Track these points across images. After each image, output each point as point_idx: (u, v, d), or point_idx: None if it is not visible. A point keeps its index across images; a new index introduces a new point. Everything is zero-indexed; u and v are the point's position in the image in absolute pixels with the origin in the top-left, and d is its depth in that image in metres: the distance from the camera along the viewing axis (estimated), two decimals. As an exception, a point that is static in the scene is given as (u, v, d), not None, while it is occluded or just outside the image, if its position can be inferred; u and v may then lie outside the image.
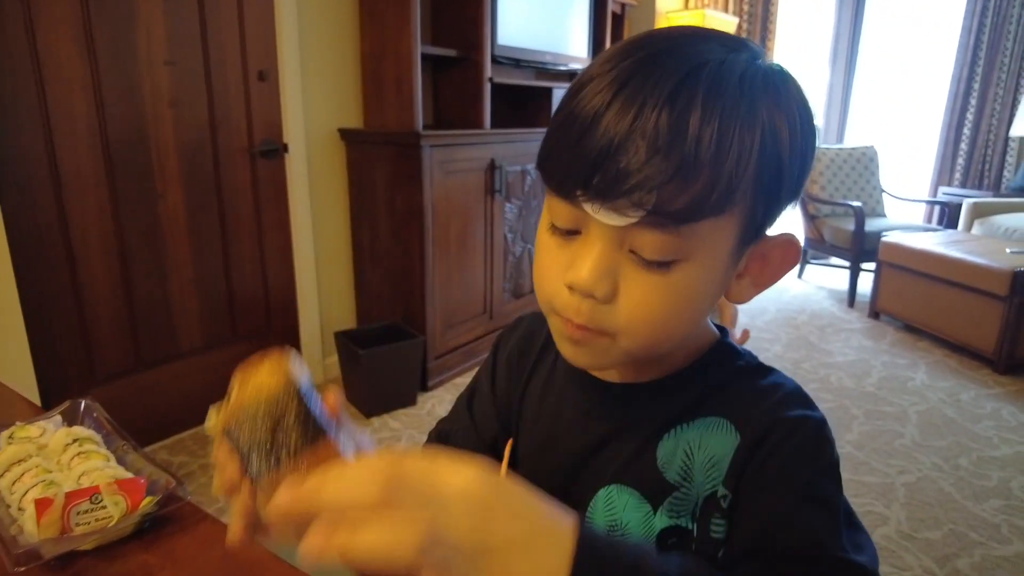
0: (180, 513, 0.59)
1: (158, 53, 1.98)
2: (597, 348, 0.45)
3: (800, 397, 0.49)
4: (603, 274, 0.42)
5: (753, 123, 0.40)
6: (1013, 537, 1.77)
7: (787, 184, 0.43)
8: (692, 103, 0.38)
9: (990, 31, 4.36)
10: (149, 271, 2.08)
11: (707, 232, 0.41)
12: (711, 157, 0.38)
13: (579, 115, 0.40)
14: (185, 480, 0.56)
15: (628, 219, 0.39)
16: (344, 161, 2.60)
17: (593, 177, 0.39)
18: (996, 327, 2.85)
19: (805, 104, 0.44)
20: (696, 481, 0.48)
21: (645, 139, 0.37)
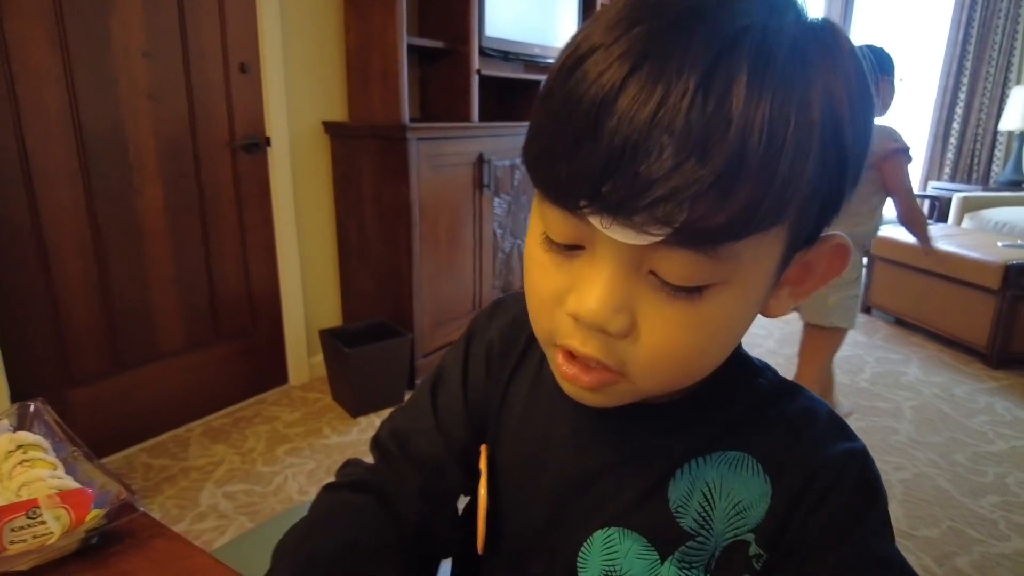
0: (133, 528, 0.53)
1: (135, 44, 1.92)
2: (609, 392, 0.38)
3: (836, 424, 0.43)
4: (618, 305, 0.33)
5: (810, 104, 0.30)
6: (1011, 534, 1.74)
7: (851, 171, 0.34)
8: (734, 85, 0.29)
9: (978, 26, 4.35)
10: (127, 270, 2.02)
11: (750, 251, 0.32)
12: (761, 157, 0.29)
13: (580, 102, 0.31)
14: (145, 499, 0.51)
15: (650, 238, 0.30)
16: (329, 155, 2.54)
17: (603, 185, 0.30)
18: (988, 321, 2.83)
19: (860, 64, 0.35)
20: (716, 530, 0.41)
21: (673, 136, 0.28)
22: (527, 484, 0.48)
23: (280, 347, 2.52)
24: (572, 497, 0.45)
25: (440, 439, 0.52)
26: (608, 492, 0.44)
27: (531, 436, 0.49)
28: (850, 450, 0.41)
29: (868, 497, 0.40)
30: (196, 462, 2.05)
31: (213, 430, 2.24)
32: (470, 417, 0.53)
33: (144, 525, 0.54)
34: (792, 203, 0.31)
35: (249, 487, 1.92)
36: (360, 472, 0.54)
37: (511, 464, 0.50)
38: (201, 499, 1.85)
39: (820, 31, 0.33)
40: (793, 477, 0.40)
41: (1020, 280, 2.70)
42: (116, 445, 2.07)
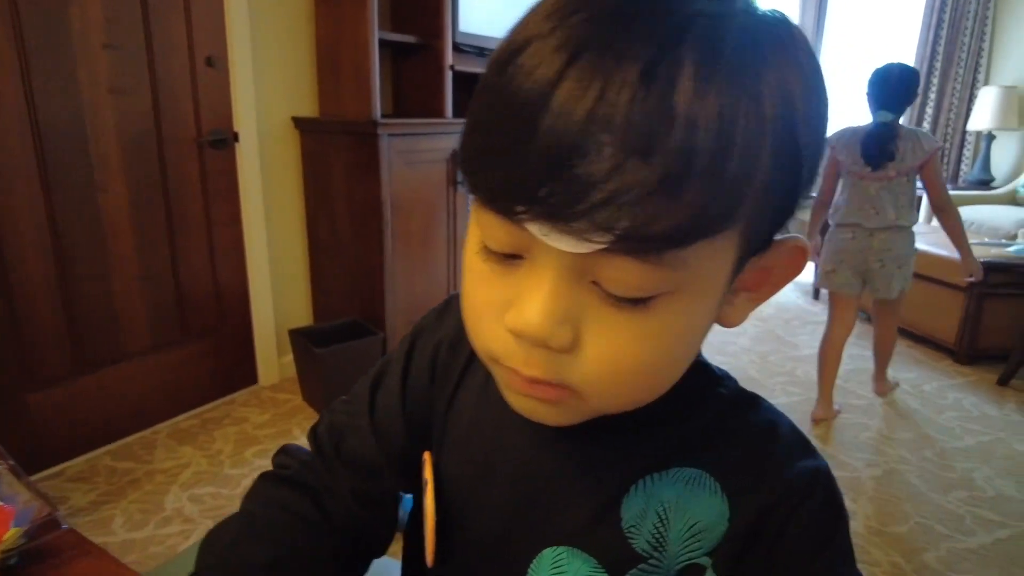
0: (57, 545, 0.50)
1: (95, 35, 1.86)
2: (561, 408, 0.35)
3: (798, 441, 0.41)
4: (559, 318, 0.31)
5: (762, 99, 0.28)
6: (977, 528, 1.76)
7: (806, 171, 0.31)
8: (679, 77, 0.26)
9: (948, 27, 4.42)
10: (90, 269, 1.96)
11: (699, 258, 0.30)
12: (709, 156, 0.26)
13: (514, 98, 0.28)
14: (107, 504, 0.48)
15: (591, 245, 0.28)
16: (298, 151, 2.50)
17: (539, 189, 0.27)
18: (957, 318, 2.87)
19: (815, 59, 0.33)
20: (671, 552, 0.39)
21: (613, 134, 0.26)
22: (476, 496, 0.46)
23: (249, 347, 2.48)
24: (522, 511, 0.43)
25: (374, 440, 0.50)
26: (559, 508, 0.42)
27: (480, 445, 0.46)
28: (813, 470, 0.39)
29: (831, 522, 0.39)
30: (162, 465, 2.00)
31: (180, 432, 2.19)
32: (408, 419, 0.50)
33: (69, 543, 0.51)
34: (743, 205, 0.29)
35: (216, 490, 1.88)
36: (295, 466, 0.52)
37: (459, 474, 0.47)
38: (166, 503, 1.81)
39: (773, 24, 0.31)
40: (753, 498, 0.38)
41: (987, 278, 2.74)
42: (78, 449, 2.01)
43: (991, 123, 4.18)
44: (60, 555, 0.49)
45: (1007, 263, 2.75)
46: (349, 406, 0.54)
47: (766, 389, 2.61)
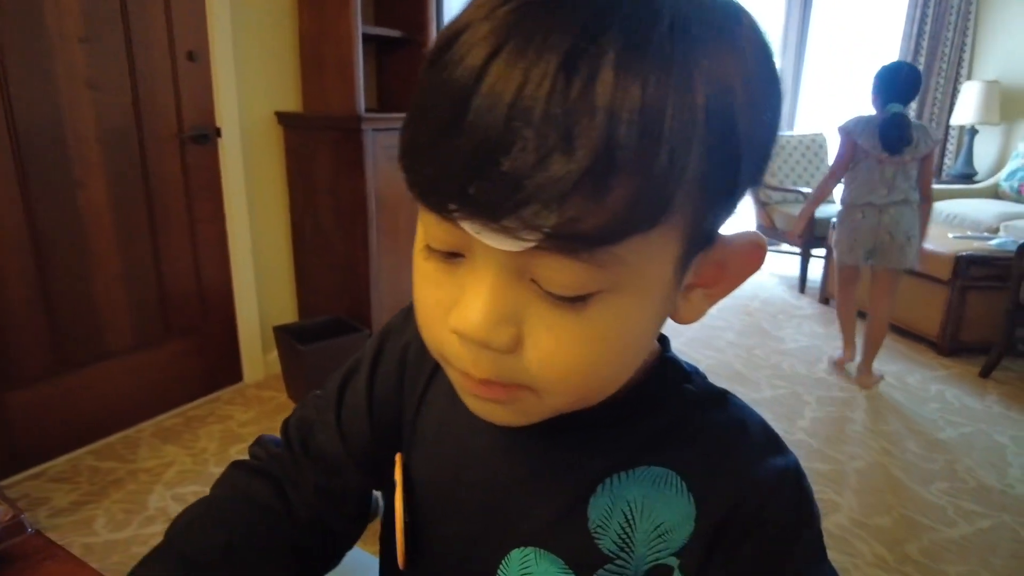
0: (25, 550, 0.49)
1: (71, 29, 1.83)
2: (517, 407, 0.35)
3: (767, 438, 0.40)
4: (500, 319, 0.30)
5: (694, 89, 0.27)
6: (959, 519, 1.78)
7: (747, 162, 0.30)
8: (601, 67, 0.25)
9: (932, 21, 4.45)
10: (70, 266, 1.93)
11: (636, 255, 0.29)
12: (633, 149, 0.25)
13: (442, 90, 0.27)
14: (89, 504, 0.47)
15: (522, 243, 0.27)
16: (282, 147, 2.47)
17: (468, 186, 0.27)
18: (940, 311, 2.90)
19: (764, 44, 0.32)
20: (637, 553, 0.38)
21: (534, 128, 0.25)
22: (444, 498, 0.46)
23: (234, 344, 2.45)
24: (490, 513, 0.43)
25: (339, 438, 0.50)
26: (526, 509, 0.41)
27: (448, 447, 0.46)
28: (781, 469, 0.39)
29: (800, 520, 0.38)
30: (145, 464, 1.98)
31: (164, 430, 2.17)
32: (373, 421, 0.50)
33: (36, 547, 0.50)
34: (674, 200, 0.28)
35: (201, 489, 1.86)
36: (264, 457, 0.52)
37: (428, 476, 0.47)
38: (150, 502, 1.79)
39: (713, 8, 0.30)
40: (720, 498, 0.38)
41: (969, 271, 2.77)
42: (60, 449, 1.98)
43: (974, 118, 4.22)
44: (26, 559, 0.48)
45: (989, 256, 2.78)
46: (319, 401, 0.54)
47: (752, 383, 2.62)
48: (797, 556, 0.37)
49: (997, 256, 2.78)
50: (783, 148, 4.25)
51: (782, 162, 4.23)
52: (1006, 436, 2.24)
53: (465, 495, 0.44)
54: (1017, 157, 4.08)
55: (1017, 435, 2.25)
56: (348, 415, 0.51)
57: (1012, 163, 4.10)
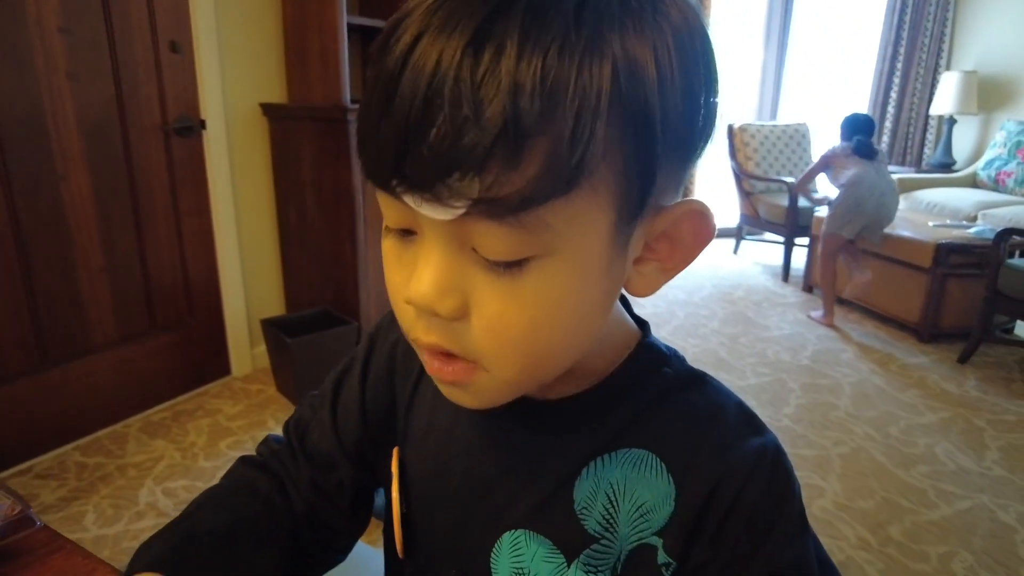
0: (30, 543, 0.49)
1: (49, 19, 1.80)
2: (475, 385, 0.36)
3: (745, 419, 0.41)
4: (446, 287, 0.33)
5: (598, 59, 0.28)
6: (939, 502, 1.82)
7: (669, 136, 0.32)
8: (504, 43, 0.27)
9: (911, 12, 4.49)
10: (52, 260, 1.91)
11: (562, 219, 0.31)
12: (539, 114, 0.27)
13: (380, 75, 0.30)
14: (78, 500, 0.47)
15: (454, 210, 0.29)
16: (267, 138, 2.46)
17: (402, 161, 0.29)
18: (920, 298, 2.95)
19: (692, 29, 0.33)
20: (621, 533, 0.40)
21: (448, 102, 0.27)
22: (436, 490, 0.47)
23: (221, 338, 2.44)
24: (479, 500, 0.44)
25: (333, 435, 0.52)
26: (513, 495, 0.43)
27: (437, 438, 0.48)
28: (760, 448, 0.40)
29: (780, 499, 0.39)
30: (134, 459, 1.97)
31: (152, 425, 2.16)
32: (366, 418, 0.52)
33: (42, 540, 0.50)
34: (586, 165, 0.29)
35: (190, 483, 1.86)
36: (267, 454, 0.55)
37: (420, 468, 0.48)
38: (139, 497, 1.79)
39: None
40: (700, 479, 0.39)
41: (949, 259, 2.82)
42: (46, 445, 1.97)
43: (952, 107, 4.28)
44: (33, 552, 0.49)
45: (967, 244, 2.83)
46: (314, 400, 0.56)
47: (737, 370, 2.66)
48: (779, 533, 0.38)
49: (975, 244, 2.83)
50: (767, 138, 4.28)
51: (766, 152, 4.26)
52: (984, 420, 2.29)
53: (456, 485, 0.46)
54: (995, 146, 4.15)
55: (994, 419, 2.30)
56: (342, 413, 0.53)
57: (990, 152, 4.17)
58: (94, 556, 0.48)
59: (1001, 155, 4.07)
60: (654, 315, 3.31)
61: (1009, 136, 4.05)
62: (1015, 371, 2.72)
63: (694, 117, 0.33)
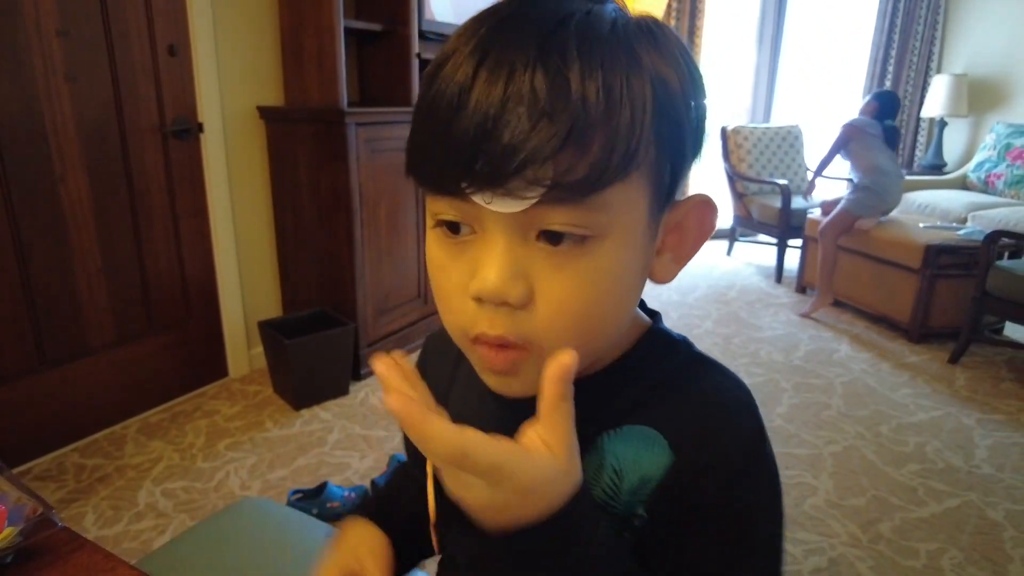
0: (51, 543, 0.51)
1: (48, 22, 1.81)
2: (526, 370, 0.39)
3: (741, 402, 0.44)
4: (513, 274, 0.36)
5: (640, 71, 0.35)
6: (928, 499, 1.85)
7: (688, 136, 0.39)
8: (567, 57, 0.33)
9: (903, 15, 4.53)
10: (50, 261, 1.92)
11: (618, 201, 0.36)
12: (603, 112, 0.33)
13: (443, 97, 0.35)
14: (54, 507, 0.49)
15: (527, 201, 0.34)
16: (264, 140, 2.47)
17: (475, 162, 0.33)
18: (911, 299, 2.99)
19: (687, 53, 0.40)
20: (623, 502, 0.43)
21: (524, 104, 0.33)
22: None
23: (218, 339, 2.45)
24: None
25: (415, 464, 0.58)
26: None
27: None
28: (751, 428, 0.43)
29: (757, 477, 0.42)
30: (132, 460, 1.98)
31: (150, 426, 2.17)
32: None
33: (63, 540, 0.52)
34: (639, 153, 0.35)
35: (189, 484, 1.87)
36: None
37: None
38: (139, 498, 1.80)
39: (642, 20, 0.38)
40: (691, 451, 0.41)
41: (939, 260, 2.85)
42: (45, 447, 1.97)
43: (943, 110, 4.32)
44: (55, 551, 0.50)
45: (957, 246, 2.87)
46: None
47: (731, 371, 2.68)
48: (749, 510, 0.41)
49: (965, 245, 2.86)
50: (760, 140, 4.31)
51: (759, 154, 4.29)
52: (972, 419, 2.33)
53: None
54: (985, 148, 4.19)
55: (983, 418, 2.33)
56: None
57: (980, 154, 4.22)
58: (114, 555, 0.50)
59: (991, 157, 4.11)
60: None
61: (999, 138, 4.10)
62: (1004, 370, 2.76)
63: (702, 126, 0.41)
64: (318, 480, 1.86)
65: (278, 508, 1.02)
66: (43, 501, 0.50)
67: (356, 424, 2.20)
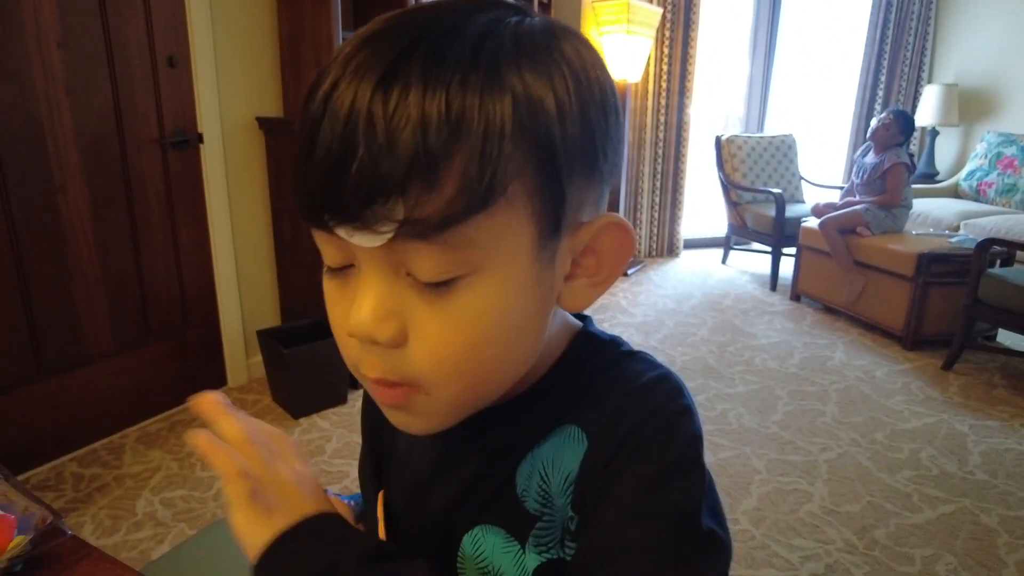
0: (59, 551, 0.52)
1: (49, 34, 1.83)
2: (420, 409, 0.38)
3: (660, 384, 0.41)
4: (384, 314, 0.35)
5: (498, 92, 0.32)
6: (923, 505, 1.87)
7: (573, 158, 0.35)
8: (409, 82, 0.31)
9: (894, 26, 4.59)
10: (49, 270, 1.92)
11: (484, 236, 0.33)
12: (447, 140, 0.31)
13: (308, 118, 0.33)
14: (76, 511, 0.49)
15: (383, 236, 0.32)
16: (263, 151, 2.48)
17: (331, 194, 0.32)
18: (904, 306, 3.01)
19: (586, 63, 0.37)
20: (557, 506, 0.41)
21: (361, 136, 0.31)
22: (414, 515, 0.49)
23: (217, 348, 2.46)
24: (448, 517, 0.46)
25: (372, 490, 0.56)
26: (467, 497, 0.45)
27: (412, 469, 0.50)
28: (677, 408, 0.40)
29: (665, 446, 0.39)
30: (131, 469, 1.98)
31: (148, 436, 2.17)
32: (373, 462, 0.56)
33: (71, 548, 0.53)
34: (497, 184, 0.32)
35: (188, 493, 1.87)
36: None
37: (400, 501, 0.51)
38: (137, 507, 1.80)
39: (526, 33, 0.35)
40: (605, 433, 0.39)
41: (931, 267, 2.88)
42: (42, 457, 1.98)
43: (934, 119, 4.37)
44: (63, 559, 0.51)
45: (949, 253, 2.90)
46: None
47: (725, 378, 2.70)
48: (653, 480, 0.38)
49: (957, 253, 2.90)
50: (753, 149, 4.35)
51: (753, 163, 4.33)
52: (966, 425, 2.35)
53: (421, 509, 0.48)
54: (976, 157, 4.24)
55: (976, 424, 2.36)
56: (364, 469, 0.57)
57: (971, 163, 4.27)
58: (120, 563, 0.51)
59: (982, 166, 4.16)
60: (643, 324, 3.36)
61: (989, 147, 4.15)
62: (997, 377, 2.78)
63: (594, 142, 0.37)
64: (317, 489, 1.87)
65: (280, 516, 1.03)
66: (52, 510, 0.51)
67: (355, 433, 2.21)
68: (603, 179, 0.39)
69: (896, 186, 3.26)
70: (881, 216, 3.27)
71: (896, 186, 3.26)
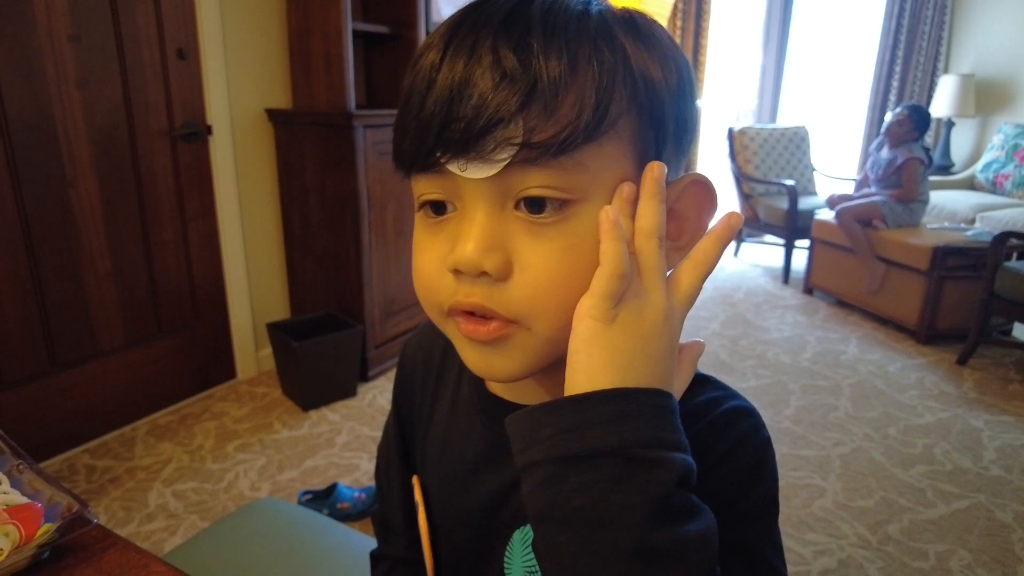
0: (85, 540, 0.52)
1: (60, 27, 1.82)
2: (511, 346, 0.38)
3: (740, 414, 0.42)
4: (491, 245, 0.35)
5: (610, 43, 0.35)
6: (937, 501, 1.85)
7: (668, 120, 0.38)
8: (530, 26, 0.34)
9: (909, 15, 4.53)
10: (61, 264, 1.93)
11: (595, 164, 0.35)
12: (567, 72, 0.33)
13: (417, 84, 0.36)
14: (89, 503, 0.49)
15: (499, 164, 0.34)
16: (272, 143, 2.48)
17: (446, 129, 0.34)
18: (918, 300, 2.98)
19: (675, 45, 0.40)
20: None
21: (487, 69, 0.33)
22: (454, 505, 0.49)
23: (226, 341, 2.47)
24: (495, 510, 0.46)
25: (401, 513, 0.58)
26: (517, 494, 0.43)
27: (452, 458, 0.50)
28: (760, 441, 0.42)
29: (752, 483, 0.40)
30: (142, 462, 1.99)
31: (159, 428, 2.18)
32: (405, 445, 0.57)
33: (96, 536, 0.53)
34: (610, 113, 0.35)
35: (199, 485, 1.88)
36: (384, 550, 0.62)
37: (438, 487, 0.51)
38: (149, 499, 1.81)
39: (627, 12, 0.39)
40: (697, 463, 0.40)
41: (946, 261, 2.85)
42: (55, 448, 1.99)
43: (950, 110, 4.31)
44: (88, 548, 0.51)
45: (965, 247, 2.86)
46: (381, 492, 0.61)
47: (738, 372, 2.68)
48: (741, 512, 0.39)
49: (972, 247, 2.86)
50: (766, 141, 4.32)
51: (765, 155, 4.29)
52: (981, 420, 2.32)
53: (472, 499, 0.48)
54: (992, 149, 4.18)
55: (991, 419, 2.33)
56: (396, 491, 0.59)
57: (987, 155, 4.21)
58: (147, 551, 0.51)
59: (999, 158, 4.11)
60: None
61: (1006, 139, 4.09)
62: (1012, 372, 2.75)
63: (684, 111, 0.39)
64: (328, 481, 1.87)
65: (294, 509, 1.03)
66: (78, 498, 0.50)
67: (364, 425, 2.21)
68: (686, 149, 0.41)
69: (912, 181, 3.21)
70: (899, 210, 3.24)
71: (912, 181, 3.21)
